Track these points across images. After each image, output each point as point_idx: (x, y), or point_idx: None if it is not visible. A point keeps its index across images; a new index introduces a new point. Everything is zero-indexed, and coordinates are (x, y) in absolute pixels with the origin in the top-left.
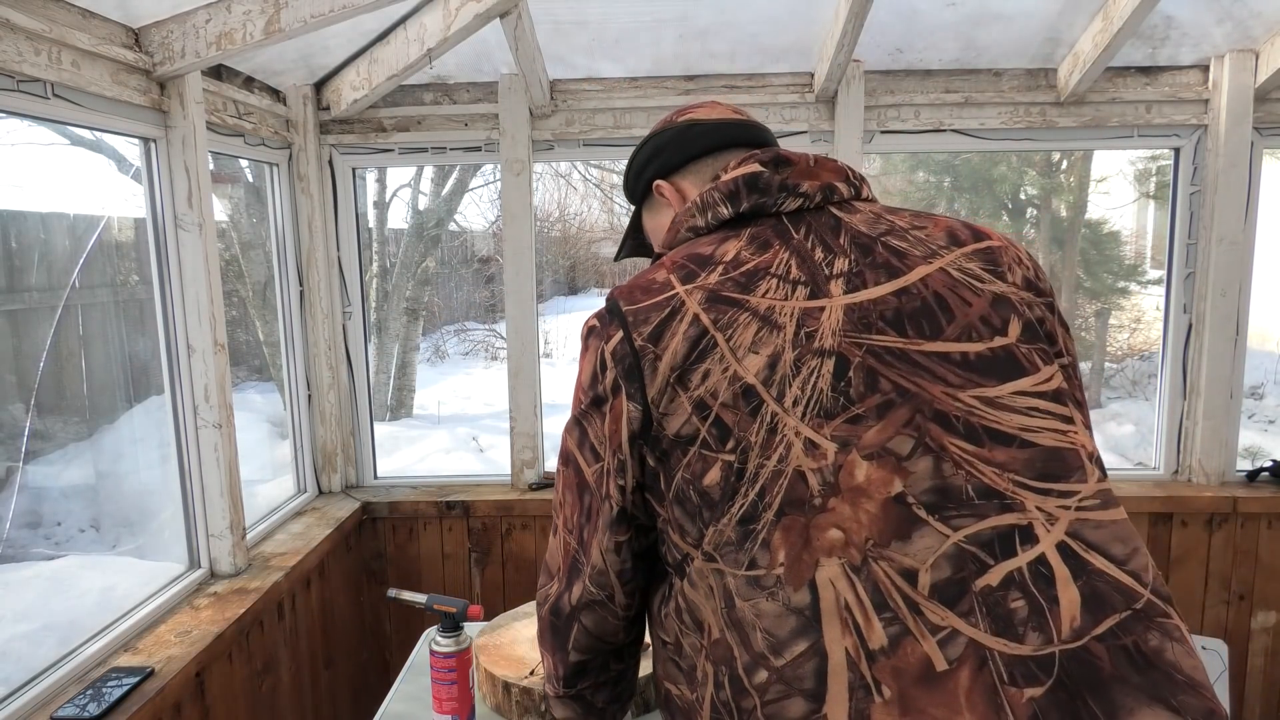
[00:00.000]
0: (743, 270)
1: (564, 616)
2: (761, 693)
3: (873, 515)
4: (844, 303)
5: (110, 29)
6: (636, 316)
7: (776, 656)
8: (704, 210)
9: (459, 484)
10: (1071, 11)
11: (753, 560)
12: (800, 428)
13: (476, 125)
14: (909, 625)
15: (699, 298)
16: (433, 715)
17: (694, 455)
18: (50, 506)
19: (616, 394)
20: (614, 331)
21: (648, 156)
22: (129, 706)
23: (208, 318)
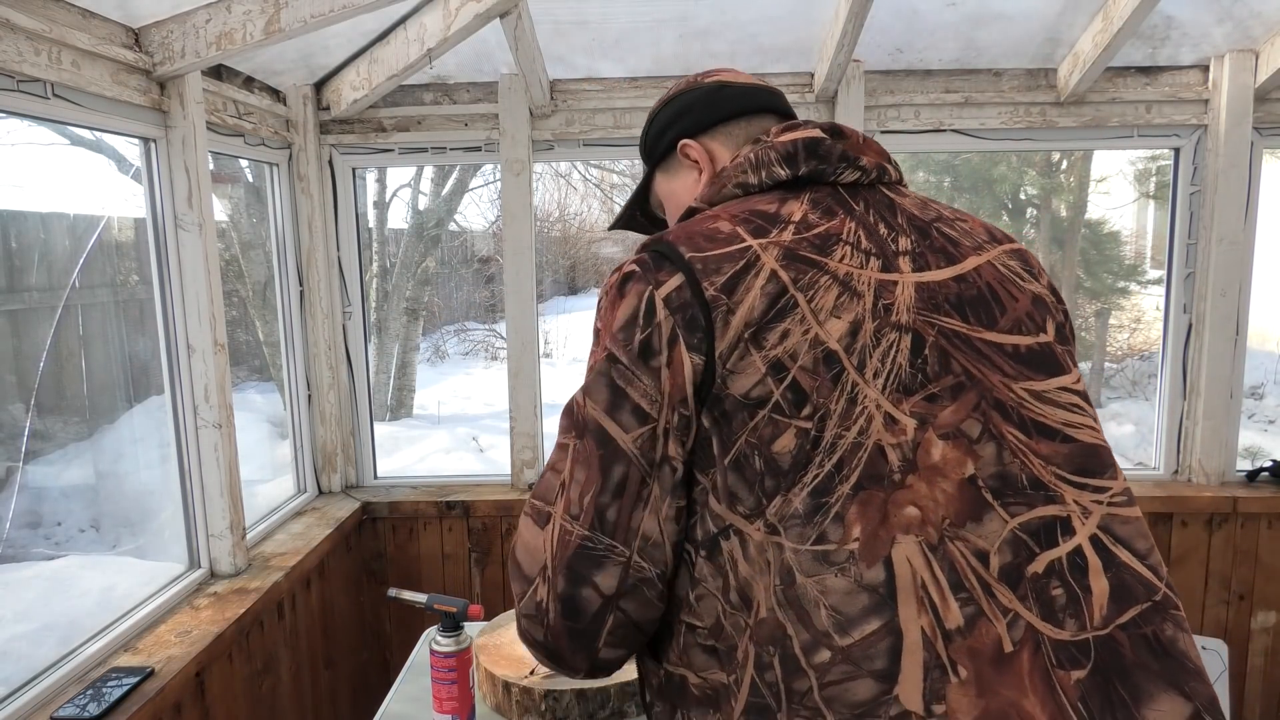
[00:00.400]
0: (815, 233)
1: (589, 614)
2: (821, 673)
3: (949, 495)
4: (914, 280)
5: (110, 29)
6: (706, 265)
7: (843, 635)
8: (758, 168)
9: (459, 484)
10: (1071, 11)
11: (822, 534)
12: (881, 400)
13: (476, 125)
14: (983, 606)
15: (775, 254)
16: (433, 715)
17: (763, 419)
18: (50, 506)
19: (674, 345)
20: (668, 277)
21: (674, 114)
22: (129, 706)
23: (208, 318)
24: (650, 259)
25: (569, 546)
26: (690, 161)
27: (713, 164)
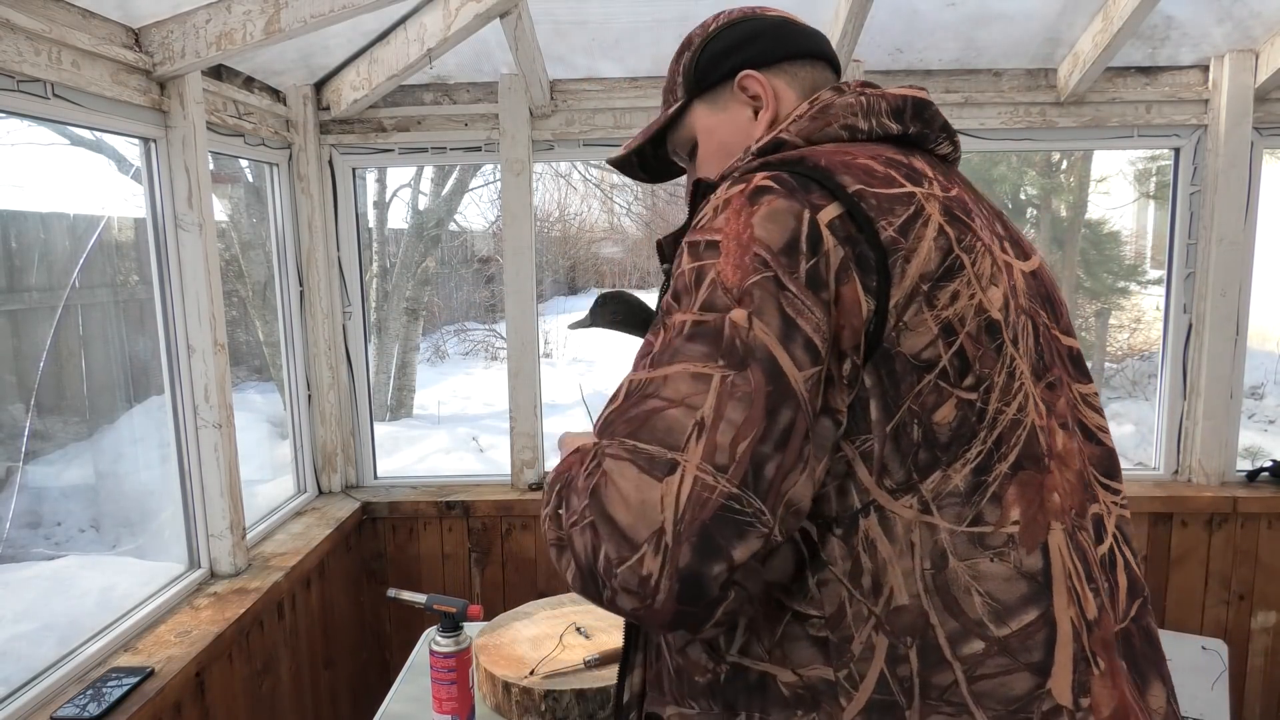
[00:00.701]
0: (951, 196)
1: (711, 596)
2: (971, 665)
3: (1073, 485)
4: (1020, 266)
5: (110, 29)
6: (879, 202)
7: (999, 625)
8: (868, 114)
9: (459, 484)
10: (1071, 11)
11: (979, 515)
12: (1029, 379)
13: (476, 125)
14: (1105, 599)
15: (938, 207)
16: (433, 715)
17: (928, 385)
18: (50, 506)
19: (846, 281)
20: (824, 203)
21: (738, 40)
22: (129, 706)
23: (208, 318)
24: (792, 179)
25: (707, 507)
26: (747, 97)
27: (776, 104)
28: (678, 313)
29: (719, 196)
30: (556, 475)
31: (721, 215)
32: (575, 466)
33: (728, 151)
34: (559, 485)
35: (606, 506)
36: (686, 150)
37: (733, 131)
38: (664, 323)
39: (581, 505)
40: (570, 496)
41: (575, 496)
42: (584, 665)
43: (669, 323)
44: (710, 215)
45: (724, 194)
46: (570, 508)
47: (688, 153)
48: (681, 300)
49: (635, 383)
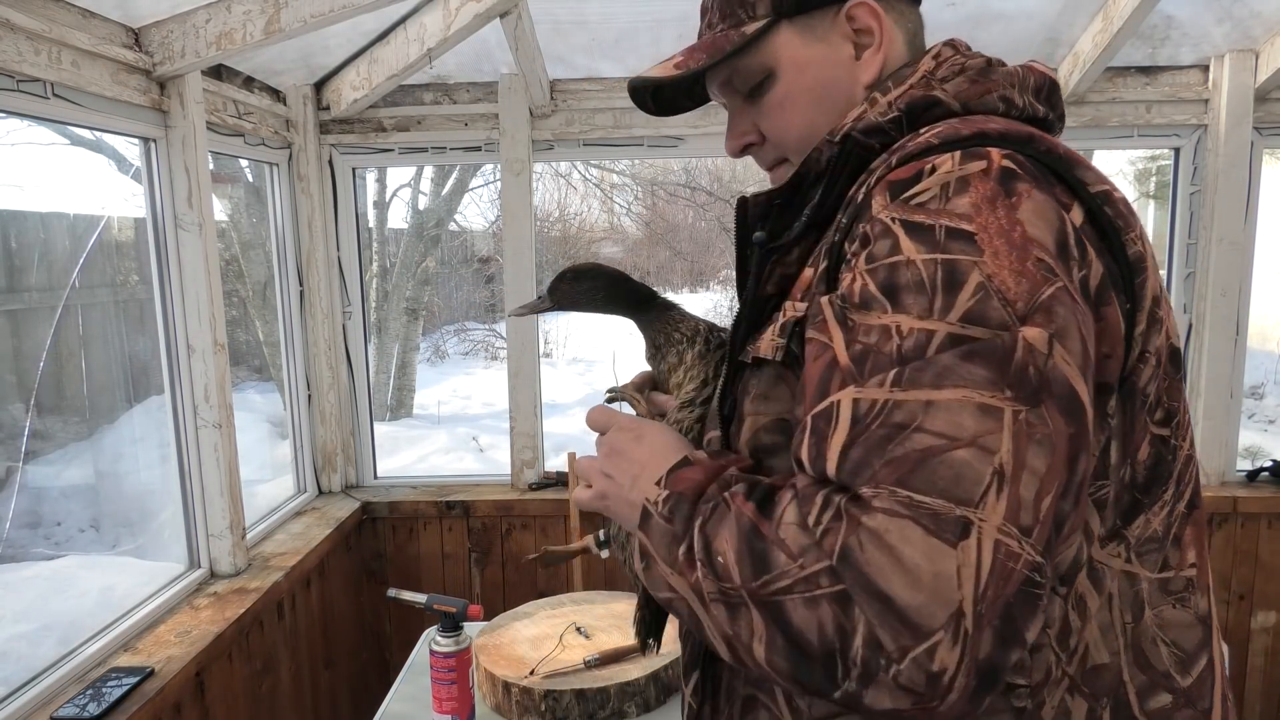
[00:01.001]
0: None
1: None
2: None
3: None
4: None
5: (110, 29)
6: (1118, 209)
7: (1184, 675)
8: (1023, 89)
9: (459, 484)
10: (1071, 11)
11: (1165, 560)
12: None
13: (476, 125)
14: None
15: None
16: (433, 715)
17: (1140, 421)
18: (50, 506)
19: (1107, 301)
20: (1069, 202)
21: None
22: (129, 706)
23: (208, 318)
24: (1033, 166)
25: (1011, 580)
26: (851, 30)
27: (884, 44)
28: (906, 316)
29: (944, 169)
30: (677, 494)
31: (961, 198)
32: (736, 502)
33: (821, 96)
34: (700, 517)
35: (877, 578)
36: (750, 84)
37: (831, 71)
38: (873, 325)
39: (814, 566)
40: (758, 544)
41: (780, 550)
42: (584, 665)
43: (890, 326)
44: (935, 192)
45: (952, 167)
46: (771, 564)
47: (749, 88)
48: (909, 300)
49: (874, 405)
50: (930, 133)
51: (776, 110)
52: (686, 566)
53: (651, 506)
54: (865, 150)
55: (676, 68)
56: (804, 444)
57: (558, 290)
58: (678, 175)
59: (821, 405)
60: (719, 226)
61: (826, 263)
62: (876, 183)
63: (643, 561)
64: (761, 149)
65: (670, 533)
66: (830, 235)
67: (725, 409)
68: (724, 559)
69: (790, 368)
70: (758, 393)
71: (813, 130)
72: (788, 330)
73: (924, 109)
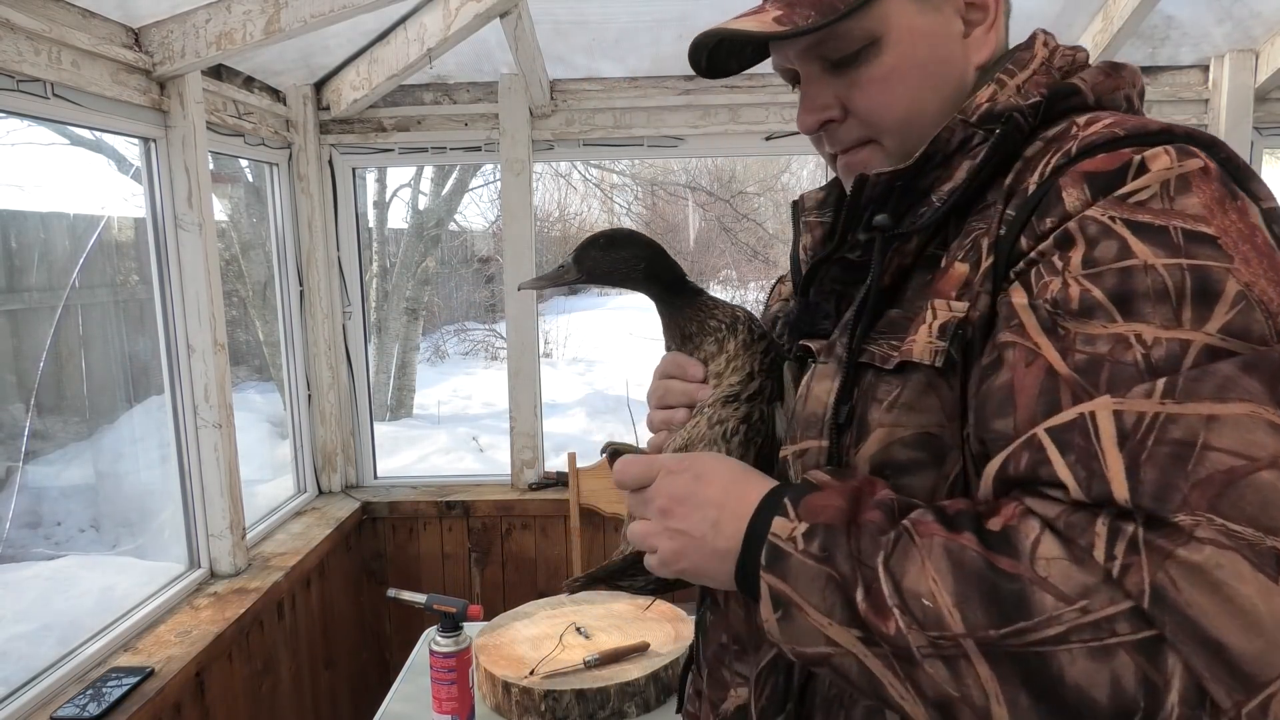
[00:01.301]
0: None
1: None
2: None
3: None
4: None
5: (110, 29)
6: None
7: None
8: (1140, 93)
9: (459, 484)
10: (1071, 11)
11: None
12: None
13: (476, 125)
14: None
15: None
16: (433, 715)
17: None
18: (50, 506)
19: None
20: None
21: None
22: (129, 706)
23: (208, 318)
24: (1225, 166)
25: None
26: (973, 5)
27: (995, 23)
28: (1146, 325)
29: (1160, 165)
30: (824, 526)
31: (1187, 197)
32: (935, 532)
33: (932, 72)
34: (882, 551)
35: (1204, 622)
36: (845, 51)
37: (944, 45)
38: (1097, 334)
39: (1106, 610)
40: (1004, 584)
41: (1044, 591)
42: (584, 665)
43: (1126, 335)
44: (1155, 190)
45: (1171, 163)
46: (1032, 609)
47: (844, 55)
48: (1148, 308)
49: (1143, 419)
50: (1105, 123)
51: (878, 84)
52: (873, 614)
53: (785, 544)
54: (1018, 134)
55: (778, 23)
56: (1050, 462)
57: (587, 258)
58: (678, 175)
59: (1063, 418)
60: (718, 226)
61: (993, 258)
62: (1053, 173)
63: (778, 610)
64: (841, 127)
65: (825, 574)
66: (992, 227)
67: (841, 418)
68: (933, 603)
69: (944, 375)
70: (899, 401)
71: (918, 110)
72: (949, 332)
73: (1064, 96)
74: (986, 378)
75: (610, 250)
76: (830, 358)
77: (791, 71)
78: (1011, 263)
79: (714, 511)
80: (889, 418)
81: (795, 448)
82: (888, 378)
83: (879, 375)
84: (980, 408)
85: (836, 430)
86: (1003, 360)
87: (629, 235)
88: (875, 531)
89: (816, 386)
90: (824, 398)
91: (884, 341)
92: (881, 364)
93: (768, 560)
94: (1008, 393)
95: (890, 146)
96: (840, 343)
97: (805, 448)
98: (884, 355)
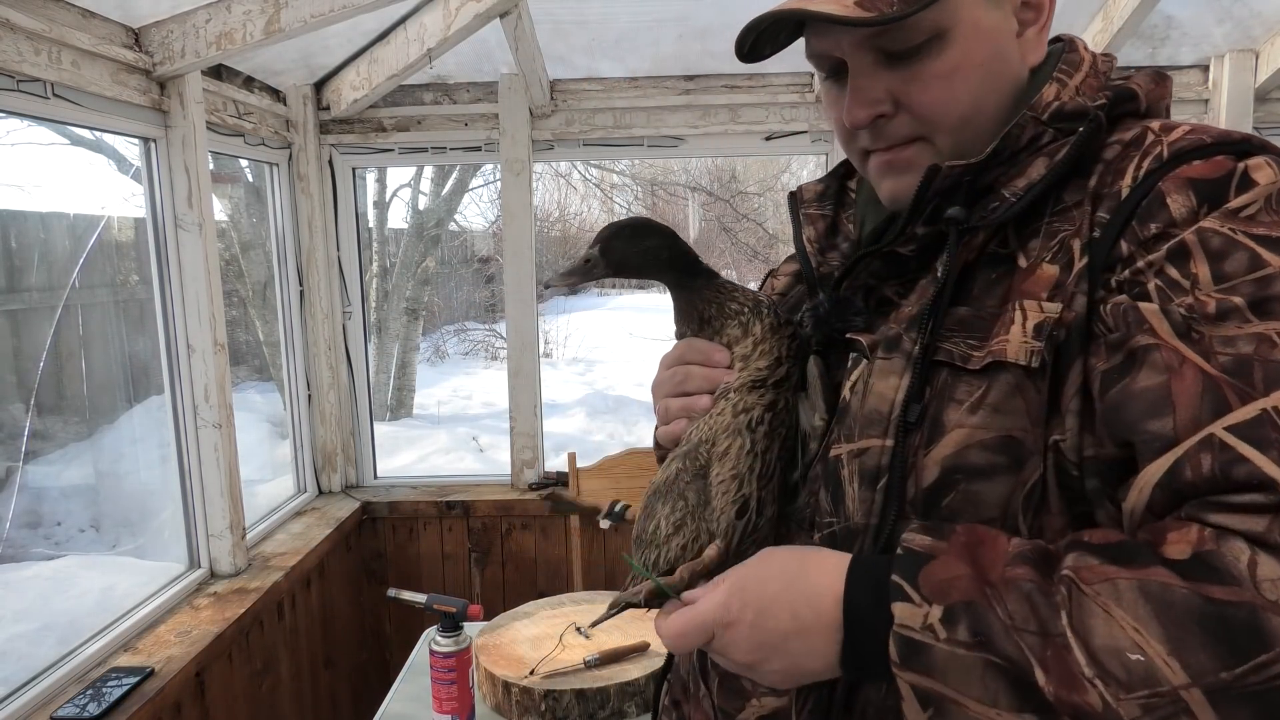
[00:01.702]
0: None
1: None
2: None
3: None
4: None
5: (110, 29)
6: None
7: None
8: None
9: (459, 484)
10: (1071, 12)
11: None
12: None
13: (476, 125)
14: None
15: None
16: (433, 715)
17: None
18: (50, 506)
19: None
20: None
21: None
22: (129, 706)
23: (208, 318)
24: None
25: None
26: (1027, 5)
27: (1048, 24)
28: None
29: (1264, 179)
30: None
31: None
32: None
33: (994, 70)
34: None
35: None
36: (908, 44)
37: (1005, 43)
38: (1235, 335)
39: None
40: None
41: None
42: (584, 665)
43: (1268, 334)
44: (1261, 205)
45: (1275, 176)
46: (1271, 638)
47: (906, 48)
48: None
49: None
50: (1186, 129)
51: (941, 80)
52: (1066, 692)
53: (921, 635)
54: (1097, 132)
55: (861, 7)
56: (1248, 460)
57: (613, 249)
58: (678, 175)
59: (1242, 416)
60: (718, 226)
61: (1087, 259)
62: (1147, 177)
63: (928, 708)
64: (891, 122)
65: (983, 662)
66: (1083, 229)
67: (911, 416)
68: (1144, 655)
69: (1034, 377)
70: (985, 401)
71: (978, 108)
72: (1044, 333)
73: (1125, 100)
74: (1117, 381)
75: (635, 240)
76: (895, 353)
77: (833, 60)
78: (1109, 265)
79: (796, 643)
80: (972, 419)
81: (852, 446)
82: (969, 378)
83: (957, 374)
84: (1118, 411)
85: (904, 429)
86: (1143, 362)
87: (647, 223)
88: (1035, 591)
89: (880, 383)
90: (890, 395)
91: (960, 340)
92: (962, 363)
93: (902, 658)
94: (1162, 394)
95: (942, 145)
96: (909, 338)
97: (865, 446)
98: (963, 354)
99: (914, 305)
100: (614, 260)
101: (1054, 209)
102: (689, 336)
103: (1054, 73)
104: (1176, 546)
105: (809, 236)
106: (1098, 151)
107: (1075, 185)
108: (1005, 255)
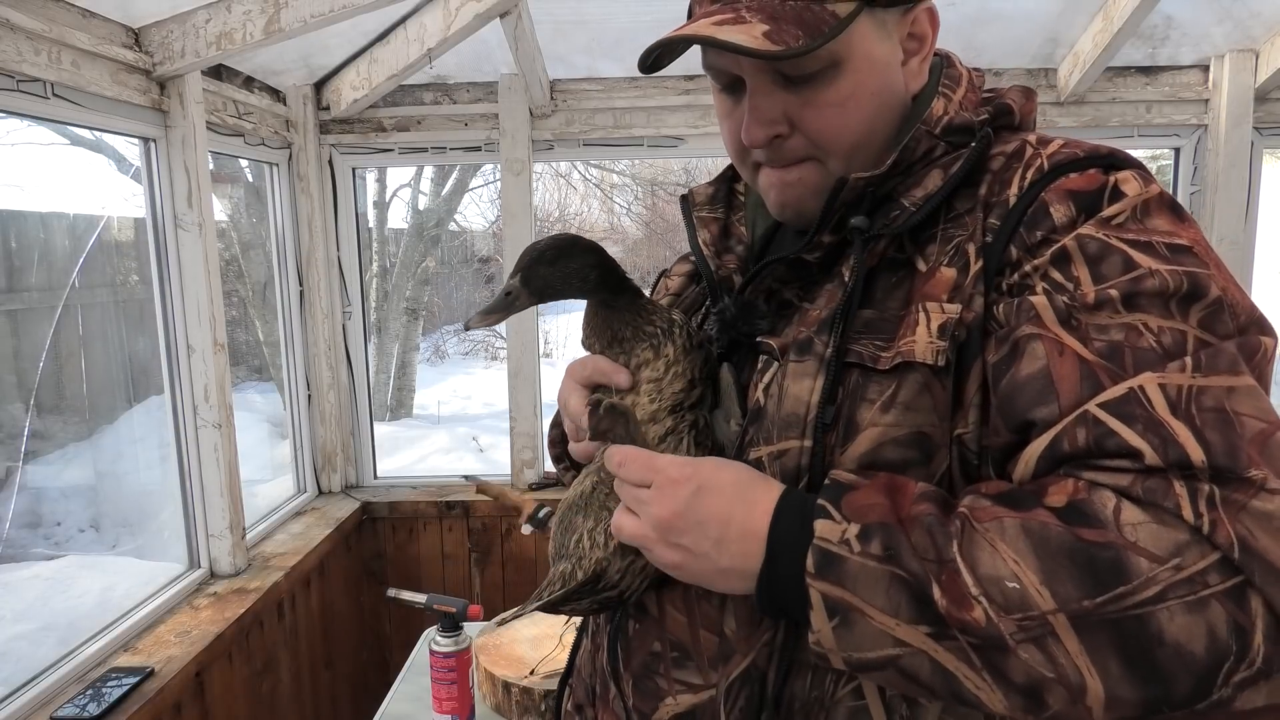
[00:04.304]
0: None
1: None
2: None
3: None
4: None
5: (110, 29)
6: None
7: None
8: (1036, 114)
9: (459, 484)
10: (1071, 11)
11: None
12: None
13: (476, 125)
14: None
15: None
16: (433, 715)
17: None
18: (50, 506)
19: None
20: None
21: None
22: (129, 706)
23: (207, 318)
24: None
25: None
26: (913, 36)
27: (929, 52)
28: (1149, 316)
29: (1131, 190)
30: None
31: (1154, 219)
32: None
33: (884, 99)
34: (955, 540)
35: None
36: (804, 71)
37: (894, 73)
38: (1108, 324)
39: (1198, 564)
40: (1098, 553)
41: (1137, 555)
42: None
43: (1135, 324)
44: (1129, 214)
45: (1140, 189)
46: (1129, 573)
47: (802, 74)
48: (1145, 303)
49: (1182, 391)
50: (1060, 144)
51: (834, 108)
52: (955, 608)
53: (838, 548)
54: (979, 142)
55: (768, 39)
56: (1116, 433)
57: (536, 276)
58: (678, 175)
59: (1113, 394)
60: None
61: (982, 262)
62: (1031, 187)
63: (834, 617)
64: (787, 142)
65: (889, 574)
66: (976, 234)
67: (826, 417)
68: (1019, 584)
69: (939, 375)
70: (896, 400)
71: (869, 133)
72: (948, 332)
73: (1003, 114)
74: (1006, 370)
75: (560, 263)
76: (808, 356)
77: (728, 75)
78: (1000, 269)
79: (717, 529)
80: (885, 418)
81: (772, 448)
82: (879, 378)
83: (868, 375)
84: (1011, 398)
85: (821, 429)
86: (1025, 352)
87: (571, 242)
88: (935, 523)
89: (794, 385)
90: (805, 397)
91: (868, 341)
92: (872, 363)
93: (818, 567)
94: (1046, 380)
95: (834, 167)
96: (820, 340)
97: (785, 448)
98: (873, 355)
99: (822, 309)
100: (537, 289)
101: (947, 216)
102: (595, 353)
103: (939, 88)
104: (1055, 496)
105: (704, 240)
106: (985, 163)
107: (965, 194)
108: (904, 260)
